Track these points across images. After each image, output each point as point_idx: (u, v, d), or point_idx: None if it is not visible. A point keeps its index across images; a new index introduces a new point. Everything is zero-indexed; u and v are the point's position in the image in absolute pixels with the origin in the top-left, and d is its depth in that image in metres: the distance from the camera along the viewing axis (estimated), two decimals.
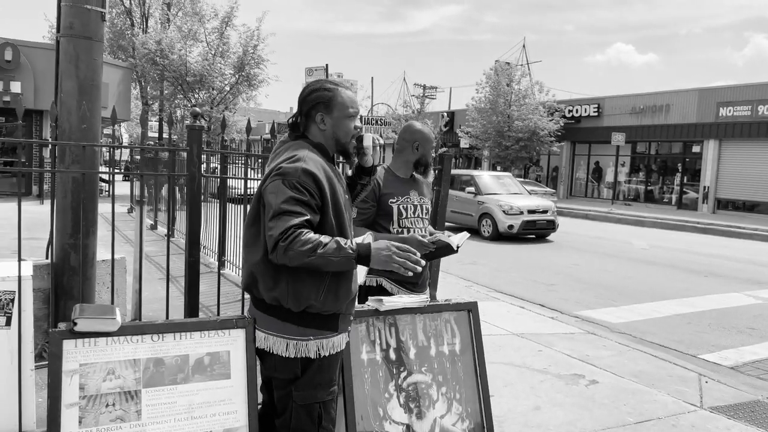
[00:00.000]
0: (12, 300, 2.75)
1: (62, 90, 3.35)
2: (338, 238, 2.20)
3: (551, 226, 14.54)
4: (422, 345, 2.95)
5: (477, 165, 38.01)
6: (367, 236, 2.50)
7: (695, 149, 25.90)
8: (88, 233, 3.41)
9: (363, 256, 2.20)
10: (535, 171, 32.76)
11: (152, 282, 6.78)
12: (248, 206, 3.10)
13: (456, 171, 16.99)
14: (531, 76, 32.88)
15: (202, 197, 3.52)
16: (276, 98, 56.91)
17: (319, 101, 2.37)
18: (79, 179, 3.29)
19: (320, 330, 2.33)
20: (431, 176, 3.56)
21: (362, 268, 2.48)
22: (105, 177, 15.95)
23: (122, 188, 19.03)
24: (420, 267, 2.25)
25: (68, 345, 2.27)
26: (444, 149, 4.05)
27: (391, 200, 3.25)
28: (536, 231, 14.36)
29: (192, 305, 3.23)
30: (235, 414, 2.48)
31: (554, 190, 28.04)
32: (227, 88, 24.83)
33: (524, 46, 42.79)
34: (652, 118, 27.08)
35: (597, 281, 9.54)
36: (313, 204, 2.23)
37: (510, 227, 13.88)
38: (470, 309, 3.12)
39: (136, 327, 2.42)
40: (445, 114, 39.24)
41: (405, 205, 3.29)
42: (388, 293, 3.20)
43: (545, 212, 14.47)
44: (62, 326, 2.31)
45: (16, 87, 16.64)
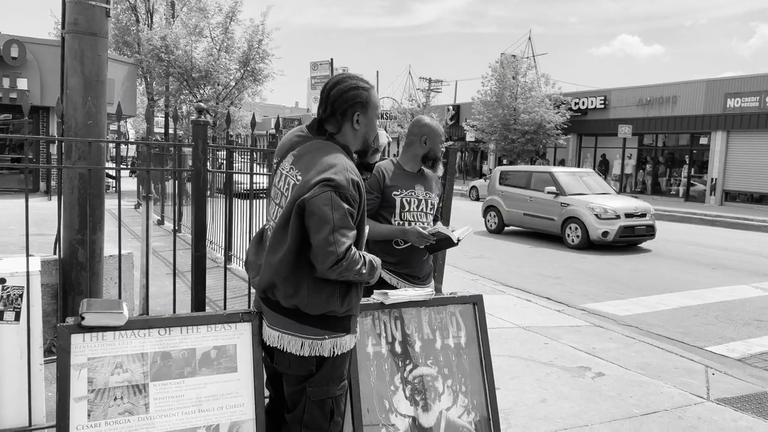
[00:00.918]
0: (21, 295, 2.78)
1: (68, 86, 3.36)
2: (369, 258, 2.33)
3: (650, 232, 12.20)
4: (428, 338, 2.95)
5: (483, 159, 37.92)
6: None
7: (703, 141, 25.74)
8: (95, 229, 3.43)
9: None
10: (542, 164, 32.70)
11: (159, 277, 6.81)
12: (253, 201, 3.11)
13: (526, 168, 15.00)
14: (537, 69, 32.76)
15: (208, 192, 3.54)
16: (281, 93, 57.00)
17: (358, 100, 2.31)
18: (86, 175, 3.30)
19: (335, 330, 2.36)
20: (440, 170, 3.55)
21: None
22: (111, 173, 16.03)
23: (129, 184, 19.10)
24: None
25: (76, 339, 2.30)
26: (449, 143, 4.04)
27: (395, 193, 3.25)
28: (634, 238, 12.07)
29: (199, 299, 3.24)
30: (242, 407, 2.49)
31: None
32: (232, 84, 24.81)
33: (530, 39, 42.63)
34: (659, 110, 26.92)
35: (603, 274, 9.52)
36: (356, 215, 2.26)
37: (604, 234, 11.63)
38: (475, 302, 3.12)
39: (144, 321, 2.44)
40: (451, 107, 39.13)
41: (408, 199, 3.28)
42: (389, 286, 3.21)
43: (644, 216, 12.17)
44: (70, 321, 2.33)
45: (23, 84, 16.71)
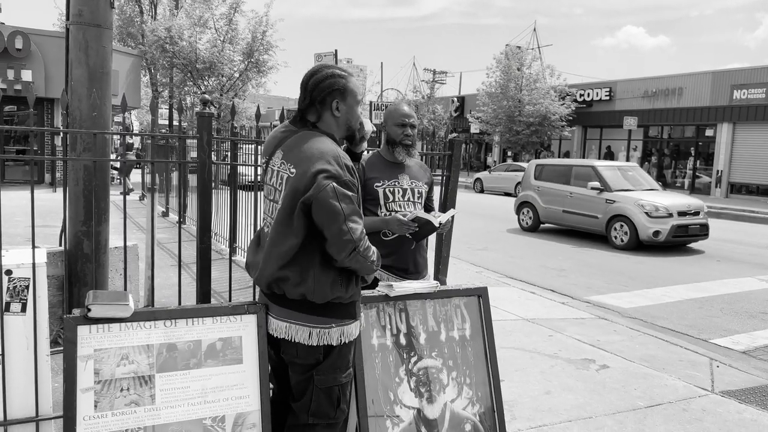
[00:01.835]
0: (27, 287, 2.78)
1: (72, 78, 3.35)
2: (373, 247, 2.36)
3: (704, 232, 11.32)
4: (432, 330, 2.95)
5: (488, 150, 37.83)
6: None
7: (708, 133, 25.62)
8: (101, 220, 3.43)
9: None
10: (546, 156, 32.59)
11: (164, 268, 6.83)
12: (259, 193, 3.11)
13: (565, 161, 14.15)
14: (542, 60, 32.62)
15: (213, 184, 3.53)
16: (285, 85, 56.97)
17: (335, 88, 2.34)
18: (91, 167, 3.30)
19: (341, 318, 2.39)
20: (416, 155, 3.35)
21: None
22: (116, 165, 16.04)
23: (133, 176, 19.12)
24: None
25: (82, 331, 2.31)
26: (454, 134, 3.99)
27: (377, 184, 3.15)
28: (687, 238, 11.21)
29: (204, 291, 3.25)
30: (248, 398, 2.51)
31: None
32: (236, 75, 24.78)
33: (535, 30, 42.46)
34: (665, 102, 26.79)
35: (607, 266, 9.51)
36: (357, 197, 2.32)
37: (656, 234, 10.73)
38: (480, 294, 3.12)
39: (149, 313, 2.45)
40: (456, 99, 39.03)
41: (392, 189, 3.17)
42: (376, 280, 3.13)
43: (697, 214, 11.27)
44: (76, 312, 2.34)
45: (27, 75, 16.71)
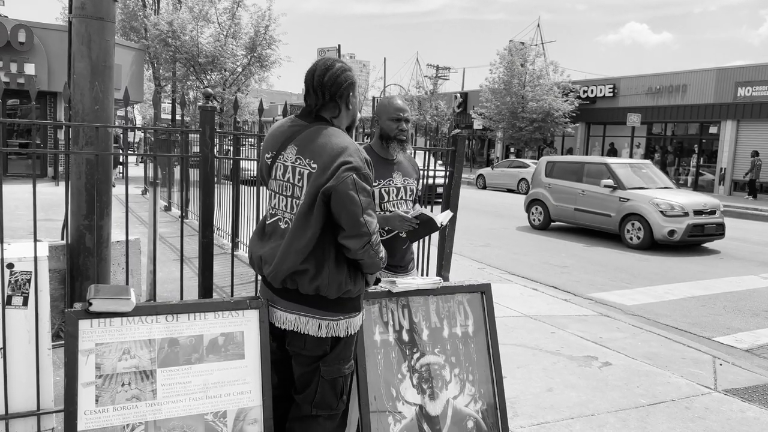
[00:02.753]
0: (29, 280, 2.78)
1: (75, 71, 3.34)
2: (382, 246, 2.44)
3: (720, 231, 11.09)
4: (435, 326, 2.94)
5: (490, 146, 37.76)
6: None
7: (712, 130, 25.52)
8: (103, 214, 3.42)
9: None
10: (549, 152, 32.53)
11: (166, 263, 6.82)
12: (261, 188, 3.09)
13: (577, 158, 13.81)
14: (546, 56, 32.53)
15: (215, 179, 3.52)
16: (288, 79, 56.89)
17: (350, 82, 2.39)
18: (93, 161, 3.29)
19: (349, 312, 2.44)
20: (409, 150, 3.29)
21: None
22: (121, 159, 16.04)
23: (136, 170, 19.13)
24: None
25: (84, 325, 2.30)
26: (457, 130, 3.97)
27: (373, 183, 3.10)
28: (703, 237, 10.97)
29: (206, 286, 3.24)
30: (249, 394, 2.50)
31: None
32: (239, 70, 24.72)
33: (539, 26, 42.35)
34: (669, 99, 26.68)
35: (611, 264, 9.49)
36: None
37: (671, 233, 10.52)
38: (483, 291, 3.11)
39: (151, 307, 2.44)
40: (459, 95, 38.94)
41: (387, 188, 3.08)
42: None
43: (713, 213, 11.06)
44: (78, 306, 2.33)
45: (30, 69, 16.70)
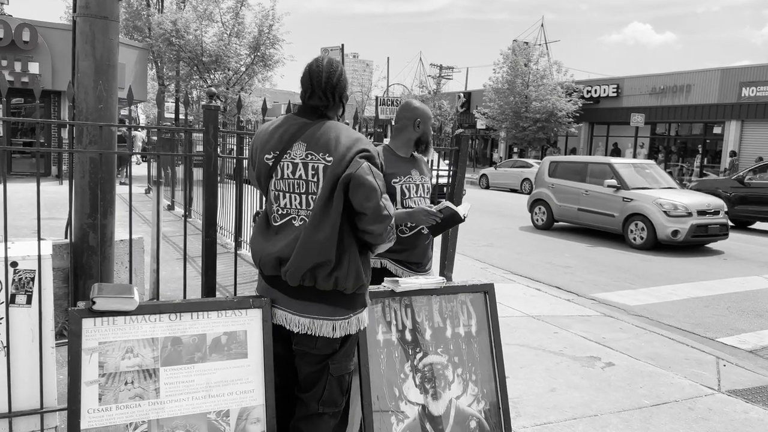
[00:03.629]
0: (32, 279, 2.78)
1: (79, 70, 3.34)
2: None
3: (723, 232, 11.01)
4: (438, 326, 2.94)
5: (494, 146, 37.73)
6: None
7: (716, 130, 25.45)
8: (107, 213, 3.43)
9: None
10: (552, 152, 32.47)
11: (170, 262, 6.84)
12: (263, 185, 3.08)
13: (580, 158, 13.71)
14: (549, 56, 32.49)
15: (219, 178, 3.53)
16: (292, 79, 56.88)
17: (347, 81, 2.52)
18: (97, 159, 3.30)
19: (360, 307, 2.46)
20: (432, 153, 3.50)
21: None
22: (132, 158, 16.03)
23: (139, 169, 19.17)
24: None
25: (87, 323, 2.30)
26: (460, 130, 3.98)
27: (394, 180, 3.16)
28: (706, 238, 10.93)
29: (209, 285, 3.24)
30: (252, 393, 2.50)
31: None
32: (243, 69, 24.74)
33: (542, 25, 42.30)
34: (673, 99, 26.62)
35: (614, 264, 9.47)
36: None
37: (674, 233, 10.45)
38: (486, 291, 3.10)
39: (154, 306, 2.44)
40: (462, 94, 38.92)
41: (407, 185, 3.21)
42: (392, 274, 3.18)
43: (717, 213, 10.99)
44: (81, 305, 2.34)
45: (34, 68, 16.72)
